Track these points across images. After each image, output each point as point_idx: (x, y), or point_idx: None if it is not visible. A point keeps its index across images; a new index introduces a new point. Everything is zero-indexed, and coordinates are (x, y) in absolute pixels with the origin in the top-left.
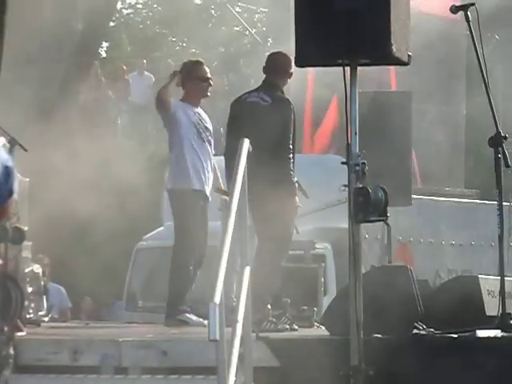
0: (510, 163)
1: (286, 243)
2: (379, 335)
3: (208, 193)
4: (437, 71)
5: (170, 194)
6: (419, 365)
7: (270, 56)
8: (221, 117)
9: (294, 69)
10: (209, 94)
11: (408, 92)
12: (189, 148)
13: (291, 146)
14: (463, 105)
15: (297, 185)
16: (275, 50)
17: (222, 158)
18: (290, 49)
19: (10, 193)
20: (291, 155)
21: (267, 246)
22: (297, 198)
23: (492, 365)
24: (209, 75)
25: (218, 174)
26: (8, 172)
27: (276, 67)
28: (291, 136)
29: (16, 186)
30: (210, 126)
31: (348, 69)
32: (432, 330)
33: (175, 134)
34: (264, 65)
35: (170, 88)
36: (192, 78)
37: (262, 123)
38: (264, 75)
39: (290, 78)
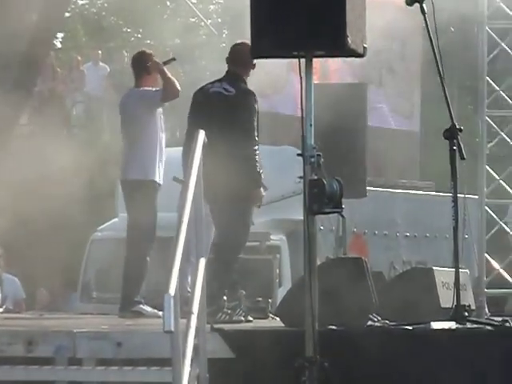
0: (464, 155)
1: (244, 235)
2: (334, 327)
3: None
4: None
5: (128, 185)
6: (374, 356)
7: (233, 47)
8: (177, 107)
9: (262, 66)
10: None
11: (363, 84)
12: (160, 139)
13: (257, 138)
14: (418, 96)
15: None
16: (238, 41)
17: (178, 148)
18: (245, 40)
19: None
20: (257, 146)
21: (225, 237)
22: (261, 189)
23: (446, 356)
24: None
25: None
26: None
27: (239, 58)
28: (256, 127)
29: None
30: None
31: (303, 60)
32: (387, 321)
33: (151, 125)
34: (227, 55)
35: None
36: (147, 69)
37: (226, 113)
38: (226, 66)
39: (253, 68)
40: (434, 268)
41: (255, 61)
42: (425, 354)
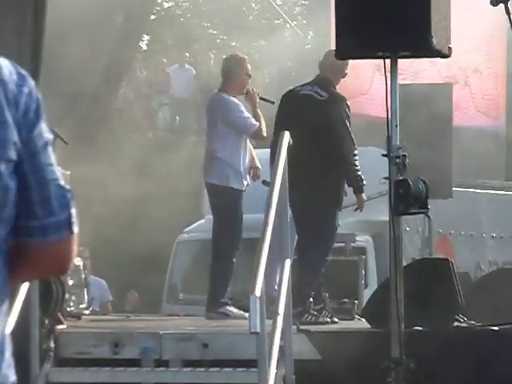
0: None
1: (331, 238)
2: (420, 328)
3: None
4: (478, 62)
5: (211, 188)
6: (460, 357)
7: (328, 53)
8: (261, 111)
9: (350, 70)
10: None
11: (449, 84)
12: (244, 144)
13: (354, 142)
14: (504, 96)
15: None
16: (332, 49)
17: (264, 150)
18: (330, 41)
19: (69, 222)
20: (356, 151)
21: (312, 240)
22: (363, 194)
23: None
24: (250, 72)
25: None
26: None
27: (333, 65)
28: (349, 131)
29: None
30: None
31: (388, 61)
32: (473, 322)
33: (234, 133)
34: (321, 60)
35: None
36: (238, 73)
37: (319, 117)
38: (318, 70)
39: (343, 77)
40: None
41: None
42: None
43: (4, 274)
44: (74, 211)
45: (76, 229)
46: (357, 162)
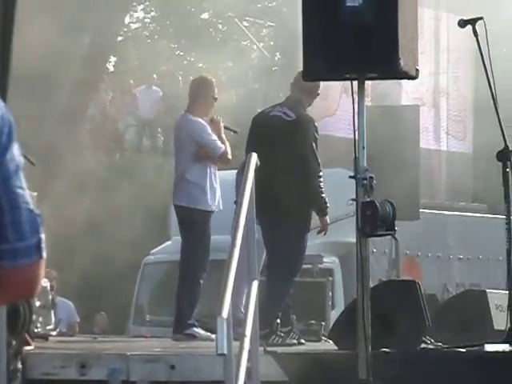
0: None
1: (299, 260)
2: (387, 349)
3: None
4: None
5: (179, 210)
6: (427, 379)
7: (299, 73)
8: (228, 131)
9: (320, 91)
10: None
11: (416, 105)
12: (210, 168)
13: (320, 164)
14: (471, 118)
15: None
16: (288, 66)
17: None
18: (297, 63)
19: (39, 246)
20: (321, 173)
21: (280, 261)
22: (327, 217)
23: (501, 379)
24: (216, 95)
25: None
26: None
27: (305, 86)
28: (316, 153)
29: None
30: None
31: (356, 83)
32: (440, 344)
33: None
34: (292, 81)
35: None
36: (204, 95)
37: (285, 138)
38: (290, 91)
39: (315, 98)
40: (488, 290)
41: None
42: (479, 376)
43: None
44: (43, 236)
45: (44, 253)
46: (322, 184)
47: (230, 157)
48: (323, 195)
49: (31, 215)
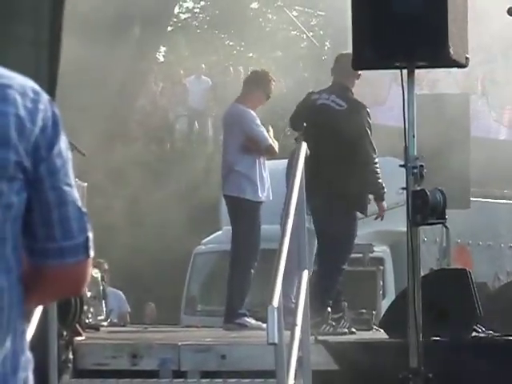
0: None
1: (348, 248)
2: (438, 338)
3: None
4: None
5: (229, 200)
6: (479, 367)
7: (338, 57)
8: (279, 121)
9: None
10: None
11: (466, 94)
12: (259, 159)
13: (375, 151)
14: None
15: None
16: (343, 52)
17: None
18: (349, 51)
19: (86, 245)
20: (376, 159)
21: (329, 249)
22: (384, 203)
23: None
24: (271, 94)
25: None
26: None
27: (344, 69)
28: (371, 139)
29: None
30: None
31: (405, 71)
32: (491, 332)
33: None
34: (332, 66)
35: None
36: (260, 90)
37: (339, 129)
38: (332, 76)
39: (357, 79)
40: None
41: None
42: None
43: (18, 295)
44: (91, 234)
45: (92, 252)
46: (378, 170)
47: (276, 150)
48: (380, 181)
49: (79, 213)
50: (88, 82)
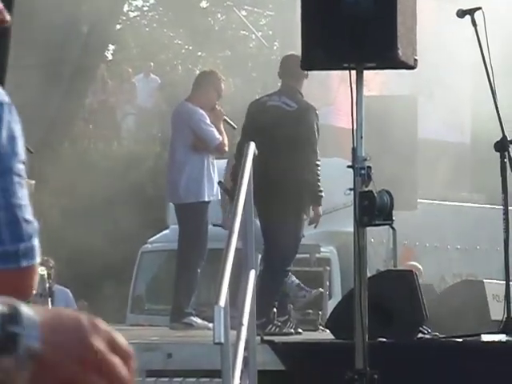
0: None
1: (293, 248)
2: (384, 339)
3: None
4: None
5: (177, 204)
6: (424, 369)
7: (284, 59)
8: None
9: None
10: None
11: (413, 96)
12: (208, 159)
13: (318, 153)
14: (469, 108)
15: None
16: (288, 53)
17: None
18: (296, 52)
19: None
20: (319, 162)
21: (275, 250)
22: (320, 208)
23: (497, 369)
24: (221, 93)
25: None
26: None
27: (292, 70)
28: (317, 142)
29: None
30: None
31: (354, 72)
32: (437, 334)
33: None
34: (279, 68)
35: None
36: (210, 89)
37: (288, 128)
38: (280, 78)
39: (306, 78)
40: (485, 280)
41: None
42: (475, 366)
43: None
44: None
45: (35, 260)
46: (319, 173)
47: (226, 148)
48: (319, 184)
49: (19, 218)
50: (36, 79)
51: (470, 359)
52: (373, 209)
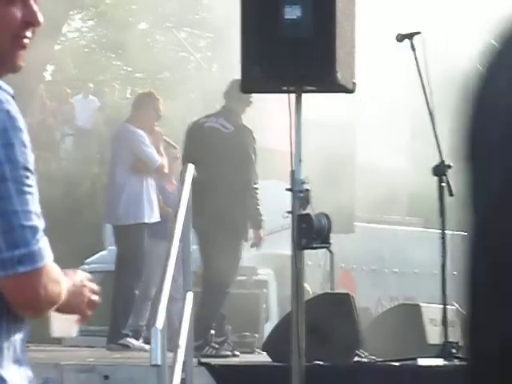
0: (453, 192)
1: (235, 270)
2: (321, 362)
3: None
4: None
5: (116, 226)
6: None
7: (232, 82)
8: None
9: (256, 102)
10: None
11: (352, 119)
12: (147, 180)
13: (256, 176)
14: (408, 131)
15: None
16: (238, 77)
17: None
18: (235, 74)
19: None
20: (257, 185)
21: (214, 272)
22: (261, 231)
23: None
24: (160, 113)
25: None
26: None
27: (236, 94)
28: (254, 164)
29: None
30: None
31: (293, 95)
32: (373, 357)
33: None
34: (225, 90)
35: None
36: (150, 109)
37: (224, 150)
38: (224, 100)
39: (248, 106)
40: (422, 304)
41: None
42: None
43: None
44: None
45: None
46: (258, 196)
47: (166, 170)
48: (259, 207)
49: (14, 226)
50: None
51: (407, 383)
52: (311, 232)
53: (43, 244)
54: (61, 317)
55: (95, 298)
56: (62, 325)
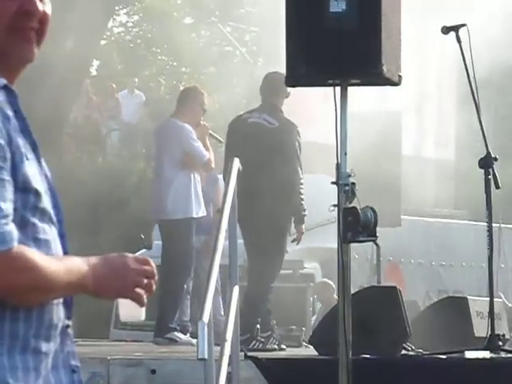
0: (499, 184)
1: (277, 265)
2: (368, 355)
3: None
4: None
5: (163, 222)
6: None
7: (267, 76)
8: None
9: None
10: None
11: (397, 112)
12: (194, 175)
13: (301, 171)
14: (453, 125)
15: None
16: (271, 71)
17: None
18: (280, 68)
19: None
20: (302, 180)
21: (258, 266)
22: (303, 226)
23: None
24: (205, 108)
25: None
26: None
27: (274, 87)
28: (300, 159)
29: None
30: None
31: (338, 88)
32: (420, 350)
33: (187, 161)
34: (261, 85)
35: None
36: (195, 104)
37: (270, 146)
38: (261, 96)
39: (286, 97)
40: (469, 297)
41: (289, 89)
42: (458, 383)
43: None
44: None
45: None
46: (302, 191)
47: (213, 165)
48: (302, 202)
49: None
50: (20, 92)
51: (454, 376)
52: (357, 225)
53: (8, 229)
54: (128, 301)
55: (146, 281)
56: (129, 309)
